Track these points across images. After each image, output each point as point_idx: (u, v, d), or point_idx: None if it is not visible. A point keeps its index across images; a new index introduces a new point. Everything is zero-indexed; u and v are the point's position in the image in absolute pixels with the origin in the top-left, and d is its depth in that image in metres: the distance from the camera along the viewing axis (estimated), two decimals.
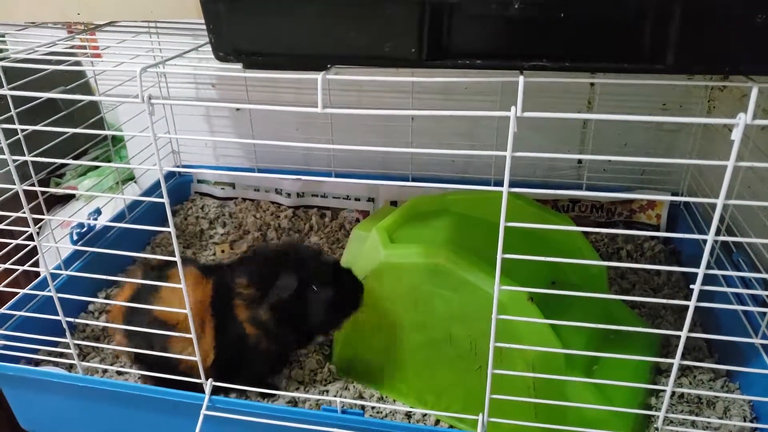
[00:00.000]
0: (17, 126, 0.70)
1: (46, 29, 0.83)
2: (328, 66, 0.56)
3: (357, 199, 1.37)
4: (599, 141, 1.30)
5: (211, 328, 0.82)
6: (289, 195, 1.40)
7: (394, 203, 1.32)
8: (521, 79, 0.51)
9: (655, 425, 0.83)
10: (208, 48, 0.61)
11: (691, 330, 0.61)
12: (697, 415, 0.85)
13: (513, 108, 0.51)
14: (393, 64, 0.53)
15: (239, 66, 0.59)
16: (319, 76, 0.54)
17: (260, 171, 1.42)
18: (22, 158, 0.70)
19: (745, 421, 0.82)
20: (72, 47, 0.99)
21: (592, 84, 1.25)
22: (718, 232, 0.56)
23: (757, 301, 0.90)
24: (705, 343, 0.98)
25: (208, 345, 0.82)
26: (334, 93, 1.36)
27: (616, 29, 0.48)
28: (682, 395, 0.88)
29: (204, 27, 0.56)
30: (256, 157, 1.45)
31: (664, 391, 0.86)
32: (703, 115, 1.24)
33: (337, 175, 1.37)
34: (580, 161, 1.34)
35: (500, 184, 0.56)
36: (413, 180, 1.34)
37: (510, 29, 0.50)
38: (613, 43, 0.49)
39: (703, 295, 0.59)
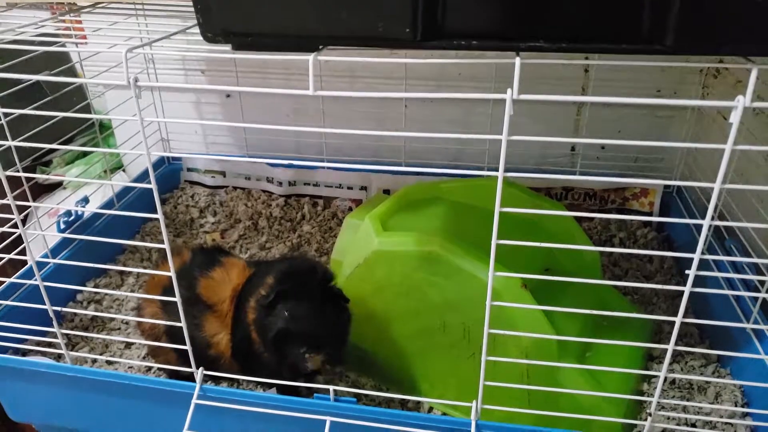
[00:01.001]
0: (0, 110, 0.68)
1: (29, 11, 0.81)
2: (320, 47, 0.55)
3: (350, 188, 1.35)
4: (593, 128, 1.29)
5: (229, 321, 0.81)
6: (280, 183, 1.38)
7: (386, 192, 1.31)
8: (517, 60, 0.50)
9: (647, 410, 0.83)
10: (197, 30, 0.59)
11: (684, 316, 0.61)
12: (688, 400, 0.85)
13: (509, 90, 0.50)
14: (386, 44, 0.52)
15: (228, 48, 0.57)
16: (310, 57, 0.53)
17: (251, 155, 1.41)
18: (5, 143, 0.68)
19: (736, 406, 0.83)
20: (57, 30, 0.96)
21: (586, 71, 1.25)
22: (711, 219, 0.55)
23: (749, 287, 0.91)
24: (696, 329, 0.98)
25: (227, 339, 0.81)
26: (325, 80, 1.35)
27: (615, 9, 0.47)
28: (673, 381, 0.88)
29: (192, 9, 0.55)
30: (247, 145, 1.43)
31: (656, 377, 0.87)
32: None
33: (330, 165, 1.36)
34: (573, 148, 1.33)
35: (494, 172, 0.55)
36: (405, 171, 1.33)
37: (506, 9, 0.49)
38: (612, 24, 0.48)
39: (697, 281, 0.58)
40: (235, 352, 0.81)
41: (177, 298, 0.72)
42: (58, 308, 0.83)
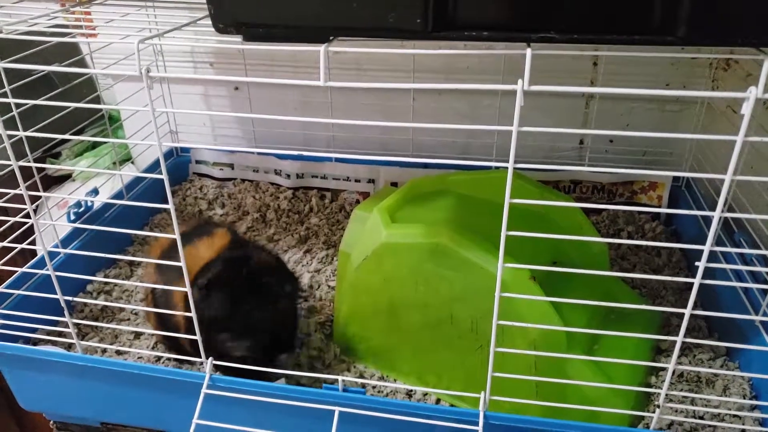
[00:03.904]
0: (11, 100, 0.68)
1: (39, 2, 0.81)
2: (330, 38, 0.55)
3: (357, 181, 1.36)
4: (601, 122, 1.29)
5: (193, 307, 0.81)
6: (288, 176, 1.38)
7: (394, 184, 1.32)
8: (528, 51, 0.50)
9: (655, 403, 0.83)
10: (207, 22, 0.59)
11: (692, 309, 0.61)
12: (696, 393, 0.85)
13: (520, 81, 0.50)
14: (397, 35, 0.52)
15: (239, 39, 0.58)
16: (321, 48, 0.53)
17: (259, 147, 1.41)
18: (18, 134, 0.68)
19: (744, 399, 0.82)
20: (66, 24, 0.97)
21: (595, 64, 1.24)
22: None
23: (758, 280, 0.90)
24: (705, 322, 0.98)
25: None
26: (332, 72, 1.35)
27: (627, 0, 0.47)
28: (681, 374, 0.88)
29: (202, 0, 0.55)
30: (255, 138, 1.44)
31: (663, 370, 0.87)
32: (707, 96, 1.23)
33: (337, 157, 1.36)
34: (581, 141, 1.33)
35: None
36: (413, 162, 1.33)
37: None
38: (624, 15, 0.48)
39: (706, 274, 0.58)
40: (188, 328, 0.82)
41: (187, 288, 0.72)
42: (69, 298, 0.84)
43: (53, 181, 1.53)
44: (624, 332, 0.73)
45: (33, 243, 0.95)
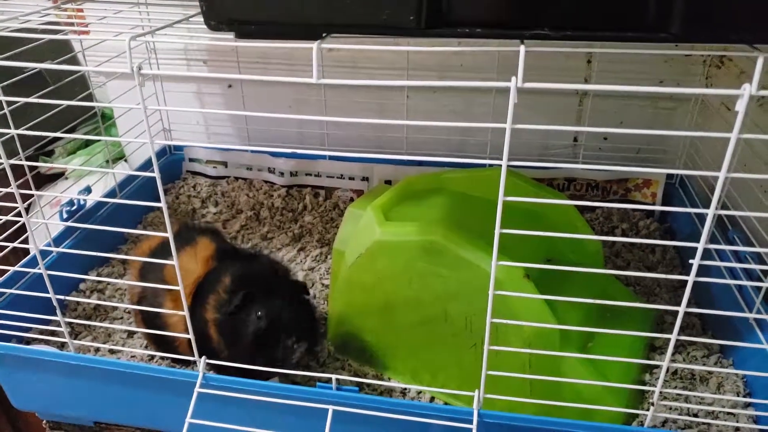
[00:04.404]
0: (2, 98, 0.67)
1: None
2: (324, 35, 0.54)
3: (351, 178, 1.35)
4: (595, 119, 1.29)
5: (186, 308, 0.81)
6: (282, 174, 1.38)
7: (388, 182, 1.31)
8: (522, 48, 0.50)
9: (649, 400, 0.83)
10: (200, 20, 0.59)
11: (686, 307, 0.61)
12: (690, 391, 0.85)
13: (513, 78, 0.50)
14: (391, 32, 0.52)
15: (231, 36, 0.57)
16: (314, 45, 0.52)
17: (253, 145, 1.41)
18: (9, 131, 0.68)
19: (738, 396, 0.83)
20: (58, 21, 0.96)
21: (588, 61, 1.24)
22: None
23: (752, 277, 0.91)
24: (698, 320, 0.98)
25: (183, 326, 0.81)
26: (326, 70, 1.34)
27: None
28: (675, 372, 0.88)
29: None
30: (249, 135, 1.43)
31: (657, 367, 0.87)
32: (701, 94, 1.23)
33: (331, 155, 1.35)
34: (576, 139, 1.33)
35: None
36: (407, 160, 1.33)
37: None
38: (617, 11, 0.48)
39: (700, 272, 0.58)
40: (190, 342, 0.82)
41: (180, 287, 0.72)
42: (62, 297, 0.83)
43: (46, 180, 1.52)
44: (618, 330, 0.73)
45: (25, 242, 0.94)
